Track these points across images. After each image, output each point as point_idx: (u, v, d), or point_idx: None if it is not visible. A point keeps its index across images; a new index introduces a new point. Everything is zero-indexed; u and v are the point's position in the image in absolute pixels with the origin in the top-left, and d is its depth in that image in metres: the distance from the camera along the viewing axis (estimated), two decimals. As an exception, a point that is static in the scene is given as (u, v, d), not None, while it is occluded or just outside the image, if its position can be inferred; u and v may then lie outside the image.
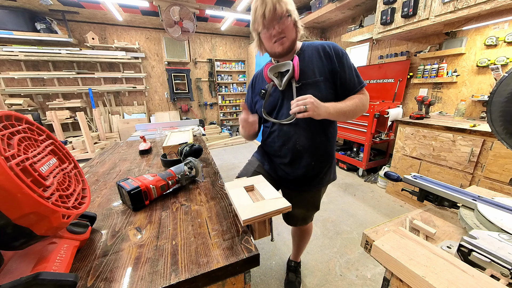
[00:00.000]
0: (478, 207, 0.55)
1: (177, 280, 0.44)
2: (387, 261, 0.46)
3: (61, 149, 0.56)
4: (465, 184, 1.85)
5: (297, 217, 1.19)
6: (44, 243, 0.47)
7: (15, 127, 0.45)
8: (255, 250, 0.51)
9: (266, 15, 0.79)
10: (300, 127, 0.93)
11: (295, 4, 0.87)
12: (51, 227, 0.41)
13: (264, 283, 1.48)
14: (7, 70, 4.08)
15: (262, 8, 0.78)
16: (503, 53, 1.99)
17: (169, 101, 5.56)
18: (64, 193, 0.48)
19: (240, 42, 6.03)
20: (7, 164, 0.36)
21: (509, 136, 0.65)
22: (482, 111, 2.18)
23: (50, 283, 0.37)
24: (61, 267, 0.44)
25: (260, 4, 0.79)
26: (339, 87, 0.91)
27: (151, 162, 1.18)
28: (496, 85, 0.64)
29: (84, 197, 0.55)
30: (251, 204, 0.63)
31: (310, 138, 0.94)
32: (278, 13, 0.79)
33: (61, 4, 3.61)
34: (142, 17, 4.30)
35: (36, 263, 0.43)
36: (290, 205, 0.61)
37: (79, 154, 3.33)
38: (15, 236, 0.38)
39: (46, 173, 0.45)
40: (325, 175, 1.04)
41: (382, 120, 2.70)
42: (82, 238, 0.54)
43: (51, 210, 0.40)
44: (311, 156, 0.96)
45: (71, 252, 0.48)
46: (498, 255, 0.40)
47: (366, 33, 2.98)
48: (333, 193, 2.63)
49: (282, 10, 0.80)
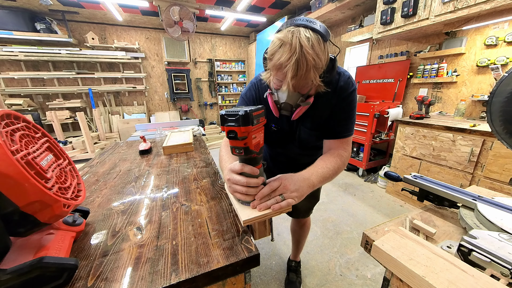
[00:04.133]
0: (478, 207, 0.55)
1: (178, 280, 0.44)
2: (387, 261, 0.46)
3: (56, 146, 0.59)
4: (465, 184, 1.85)
5: (299, 210, 1.23)
6: (42, 234, 0.50)
7: (14, 125, 0.47)
8: (255, 250, 0.51)
9: (285, 71, 0.61)
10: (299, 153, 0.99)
11: (295, 4, 0.82)
12: (54, 215, 0.44)
13: (264, 283, 1.48)
14: (7, 70, 4.08)
15: (285, 60, 0.59)
16: (503, 53, 1.99)
17: (169, 101, 5.56)
18: (62, 186, 0.51)
19: (240, 42, 6.03)
20: (14, 157, 0.39)
21: (509, 136, 0.65)
22: (482, 111, 2.18)
23: (53, 266, 0.40)
24: (60, 254, 0.47)
25: (285, 53, 0.59)
26: (327, 123, 0.84)
27: (151, 162, 1.18)
28: (496, 85, 0.64)
29: (80, 191, 0.58)
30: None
31: (310, 156, 1.00)
32: (300, 81, 0.63)
33: (61, 4, 3.61)
34: (142, 17, 4.30)
35: (37, 251, 0.45)
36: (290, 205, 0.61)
37: (79, 154, 3.33)
38: (21, 223, 0.42)
39: (46, 167, 0.48)
40: None
41: (382, 120, 2.70)
42: (77, 230, 0.57)
43: (54, 199, 0.43)
44: (310, 164, 0.96)
45: (68, 241, 0.52)
46: (498, 255, 0.40)
47: (366, 33, 2.98)
48: (333, 193, 2.63)
49: (305, 83, 0.65)
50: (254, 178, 0.58)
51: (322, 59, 0.62)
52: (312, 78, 0.63)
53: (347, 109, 0.81)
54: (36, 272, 0.38)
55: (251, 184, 0.57)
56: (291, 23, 0.63)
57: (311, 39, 0.59)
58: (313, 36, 0.60)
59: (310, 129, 0.87)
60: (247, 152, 0.55)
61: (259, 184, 0.58)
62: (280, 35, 0.62)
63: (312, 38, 0.59)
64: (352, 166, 3.19)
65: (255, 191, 0.58)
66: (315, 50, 0.59)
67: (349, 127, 0.83)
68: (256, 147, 0.56)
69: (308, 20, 0.62)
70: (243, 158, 0.59)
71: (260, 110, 0.56)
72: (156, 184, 0.90)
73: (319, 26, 0.62)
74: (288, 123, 0.88)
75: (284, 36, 0.60)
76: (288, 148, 0.99)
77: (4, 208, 0.38)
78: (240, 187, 0.58)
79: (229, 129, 0.51)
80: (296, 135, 0.91)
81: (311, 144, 0.94)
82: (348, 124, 0.82)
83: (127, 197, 0.80)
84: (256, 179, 0.58)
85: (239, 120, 0.50)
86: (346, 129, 0.83)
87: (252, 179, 0.57)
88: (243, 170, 0.58)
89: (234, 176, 0.59)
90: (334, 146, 0.84)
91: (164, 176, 0.98)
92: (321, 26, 0.62)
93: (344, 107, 0.80)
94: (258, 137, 0.57)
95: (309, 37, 0.59)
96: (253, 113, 0.51)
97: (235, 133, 0.51)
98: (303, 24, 0.61)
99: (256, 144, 0.56)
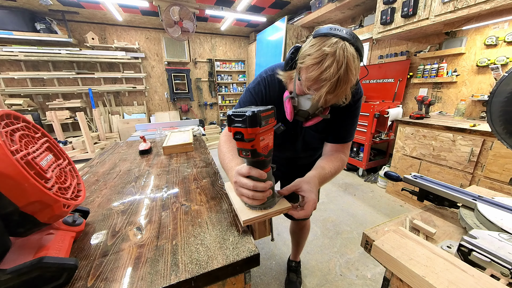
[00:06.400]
0: (478, 207, 0.55)
1: (177, 280, 0.44)
2: (387, 261, 0.46)
3: (55, 146, 0.59)
4: (465, 184, 1.85)
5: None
6: (42, 234, 0.50)
7: (14, 125, 0.47)
8: (255, 250, 0.51)
9: (321, 85, 0.58)
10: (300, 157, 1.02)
11: (295, 4, 0.82)
12: (53, 215, 0.44)
13: (264, 283, 1.48)
14: (7, 70, 4.08)
15: (328, 75, 0.55)
16: (503, 52, 1.99)
17: (169, 101, 5.56)
18: (62, 186, 0.51)
19: (240, 42, 6.03)
20: (13, 157, 0.39)
21: (509, 136, 0.65)
22: (482, 111, 2.18)
23: (53, 266, 0.40)
24: (60, 254, 0.47)
25: (329, 68, 0.55)
26: (331, 126, 0.84)
27: (151, 162, 1.18)
28: (496, 85, 0.64)
29: (80, 191, 0.58)
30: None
31: (310, 157, 1.02)
32: (334, 98, 0.61)
33: (61, 4, 3.60)
34: (142, 17, 4.30)
35: (37, 251, 0.45)
36: (290, 205, 0.61)
37: (79, 154, 3.33)
38: (21, 223, 0.42)
39: (46, 167, 0.48)
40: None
41: (382, 120, 2.70)
42: (77, 230, 0.57)
43: (53, 199, 0.43)
44: (309, 164, 0.96)
45: (68, 242, 0.52)
46: (498, 254, 0.40)
47: (366, 33, 2.97)
48: (333, 193, 2.63)
49: (338, 100, 0.64)
50: (261, 182, 0.55)
51: (357, 77, 0.61)
52: (345, 95, 0.62)
53: (352, 115, 0.83)
54: (36, 272, 0.38)
55: (258, 189, 0.54)
56: (333, 31, 0.58)
57: (355, 58, 0.57)
58: (356, 55, 0.57)
59: (316, 131, 0.87)
60: (254, 154, 0.52)
61: (267, 188, 0.55)
62: (324, 45, 0.56)
63: (356, 56, 0.57)
64: (352, 166, 3.19)
65: (262, 195, 0.55)
66: (356, 70, 0.58)
67: (352, 133, 0.85)
68: (264, 150, 0.54)
69: (352, 34, 0.58)
70: (250, 161, 0.56)
71: (269, 111, 0.53)
72: (156, 184, 0.90)
73: (359, 43, 0.59)
74: (294, 125, 0.86)
75: (329, 49, 0.55)
76: (290, 149, 0.99)
77: (4, 208, 0.38)
78: (246, 190, 0.55)
79: (236, 130, 0.49)
80: (300, 136, 0.91)
81: (313, 146, 0.95)
82: (351, 129, 0.84)
83: (127, 197, 0.80)
84: (264, 183, 0.55)
85: (246, 121, 0.47)
86: (349, 134, 0.85)
87: (259, 183, 0.54)
88: (250, 173, 0.55)
89: (241, 179, 0.56)
90: (335, 150, 0.86)
91: (164, 176, 0.98)
92: (360, 43, 0.60)
93: (349, 113, 0.82)
94: (267, 139, 0.54)
95: (355, 56, 0.57)
96: (262, 114, 0.49)
97: (242, 135, 0.48)
98: (348, 39, 0.57)
99: (264, 146, 0.53)
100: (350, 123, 0.83)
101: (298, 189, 0.64)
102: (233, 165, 0.68)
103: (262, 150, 0.53)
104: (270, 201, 0.60)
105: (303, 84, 0.63)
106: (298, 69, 0.64)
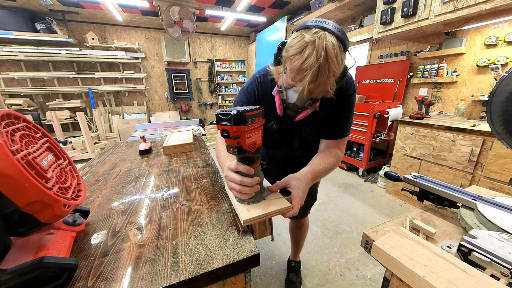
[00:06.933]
0: (478, 207, 0.55)
1: (178, 280, 0.44)
2: (387, 261, 0.46)
3: (56, 146, 0.59)
4: (465, 183, 1.85)
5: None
6: (42, 234, 0.50)
7: (14, 125, 0.47)
8: (255, 250, 0.51)
9: (304, 75, 0.59)
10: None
11: (295, 4, 0.82)
12: (54, 215, 0.44)
13: (264, 283, 1.48)
14: (7, 70, 4.08)
15: (308, 64, 0.57)
16: (503, 52, 1.99)
17: (169, 101, 5.56)
18: (62, 186, 0.51)
19: (240, 42, 6.03)
20: (14, 157, 0.39)
21: (509, 136, 0.65)
22: (482, 111, 2.18)
23: (53, 266, 0.40)
24: (61, 254, 0.47)
25: (309, 57, 0.56)
26: (326, 122, 0.85)
27: (151, 162, 1.18)
28: (496, 85, 0.64)
29: (80, 191, 0.58)
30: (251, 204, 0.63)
31: (307, 156, 1.03)
32: (317, 87, 0.61)
33: (61, 4, 3.60)
34: (142, 17, 4.30)
35: (37, 251, 0.45)
36: (290, 205, 0.61)
37: (79, 154, 3.33)
38: (21, 223, 0.42)
39: (46, 167, 0.48)
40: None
41: (382, 120, 2.70)
42: (78, 230, 0.57)
43: (54, 199, 0.43)
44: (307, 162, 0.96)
45: (69, 242, 0.52)
46: (498, 254, 0.41)
47: (366, 33, 2.97)
48: (333, 193, 2.63)
49: (322, 90, 0.63)
50: (249, 177, 0.58)
51: (341, 67, 0.62)
52: (329, 85, 0.62)
53: (346, 110, 0.83)
54: (36, 272, 0.38)
55: (245, 183, 0.57)
56: (316, 23, 0.60)
57: (336, 46, 0.57)
58: (337, 44, 0.58)
59: (312, 128, 0.87)
60: (240, 151, 0.56)
61: (253, 184, 0.58)
62: (305, 36, 0.58)
63: (336, 45, 0.58)
64: (352, 166, 3.18)
65: (249, 190, 0.58)
66: (338, 59, 0.59)
67: (347, 128, 0.85)
68: (251, 147, 0.57)
69: (334, 25, 0.60)
70: (238, 157, 0.59)
71: (256, 110, 0.55)
72: (156, 184, 0.90)
73: (341, 33, 0.60)
74: (289, 123, 0.88)
75: (310, 38, 0.57)
76: (287, 148, 0.99)
77: (4, 208, 0.38)
78: (235, 185, 0.58)
79: (222, 128, 0.53)
80: (297, 134, 0.91)
81: (311, 144, 0.95)
82: (346, 124, 0.84)
83: (127, 197, 0.80)
84: (251, 178, 0.58)
85: (231, 120, 0.51)
86: (344, 129, 0.84)
87: (246, 178, 0.57)
88: (238, 168, 0.58)
89: (230, 173, 0.59)
90: (331, 146, 0.86)
91: (164, 176, 0.98)
92: (344, 34, 0.61)
93: (344, 108, 0.82)
94: (254, 137, 0.57)
95: (335, 44, 0.57)
96: (247, 113, 0.52)
97: (228, 132, 0.52)
98: (329, 30, 0.58)
99: (251, 144, 0.56)
100: (345, 119, 0.84)
101: (287, 185, 0.66)
102: (226, 161, 0.71)
103: (249, 147, 0.56)
104: (258, 196, 0.62)
105: (288, 76, 0.65)
106: (284, 61, 0.66)
